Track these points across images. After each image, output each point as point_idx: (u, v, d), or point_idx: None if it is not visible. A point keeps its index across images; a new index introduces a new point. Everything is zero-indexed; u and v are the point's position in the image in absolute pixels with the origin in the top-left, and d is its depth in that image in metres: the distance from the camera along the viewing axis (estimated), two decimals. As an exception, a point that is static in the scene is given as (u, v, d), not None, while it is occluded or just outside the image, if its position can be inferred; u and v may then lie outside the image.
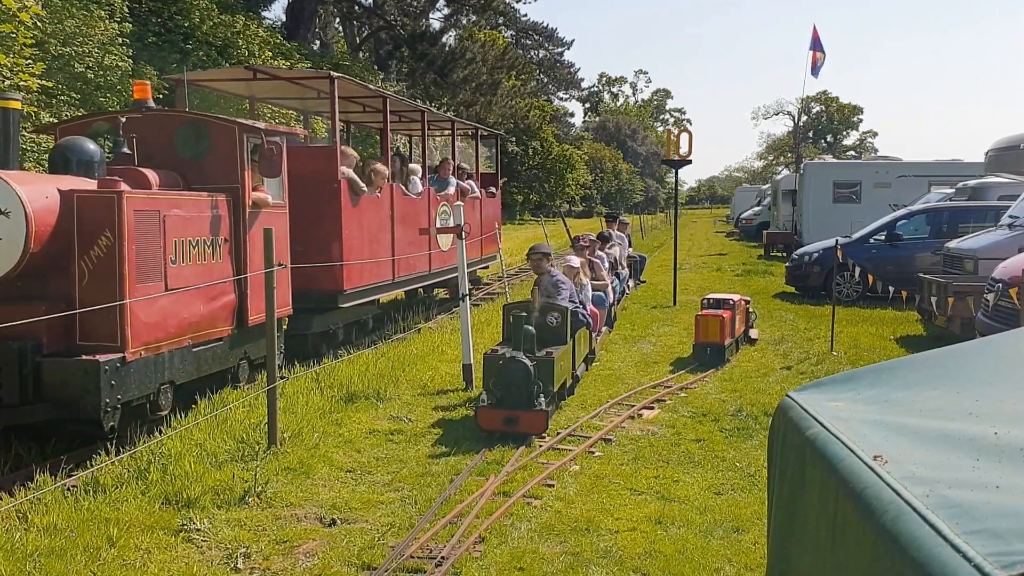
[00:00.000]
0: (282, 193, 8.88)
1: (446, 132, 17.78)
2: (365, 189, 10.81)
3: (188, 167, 7.89)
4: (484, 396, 7.38)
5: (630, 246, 18.49)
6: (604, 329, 11.66)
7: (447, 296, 16.11)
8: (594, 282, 11.44)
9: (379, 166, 11.57)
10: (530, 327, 7.72)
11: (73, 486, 5.72)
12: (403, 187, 12.72)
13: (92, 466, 5.99)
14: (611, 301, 12.60)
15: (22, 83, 12.03)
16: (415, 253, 12.79)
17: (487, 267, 18.67)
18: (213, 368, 7.76)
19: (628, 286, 16.52)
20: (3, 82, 12.54)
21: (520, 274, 21.57)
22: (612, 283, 13.06)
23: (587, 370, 9.81)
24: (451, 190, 14.54)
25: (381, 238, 11.58)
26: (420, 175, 13.59)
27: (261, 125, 8.70)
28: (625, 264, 16.08)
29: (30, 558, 4.65)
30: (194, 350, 7.40)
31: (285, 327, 9.16)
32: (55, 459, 6.24)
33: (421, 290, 15.15)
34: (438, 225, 13.39)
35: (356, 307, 11.08)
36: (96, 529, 5.03)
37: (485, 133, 19.64)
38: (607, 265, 12.92)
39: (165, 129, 7.97)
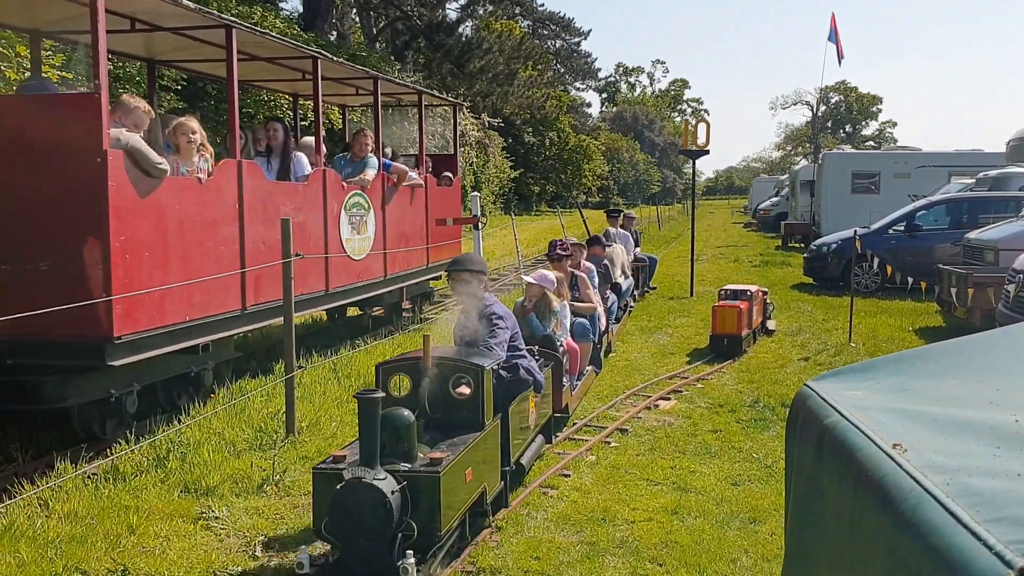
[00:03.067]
0: None
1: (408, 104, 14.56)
2: (164, 166, 6.60)
3: None
4: (302, 558, 4.07)
5: (637, 245, 16.09)
6: (590, 369, 8.50)
7: (381, 314, 12.22)
8: (577, 304, 8.65)
9: (187, 122, 7.26)
10: (402, 413, 4.37)
11: (93, 474, 5.78)
12: (288, 166, 9.04)
13: (112, 455, 6.04)
14: (602, 327, 9.53)
15: (43, 74, 12.10)
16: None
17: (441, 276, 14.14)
18: None
19: (632, 298, 13.85)
20: (24, 73, 12.64)
21: (537, 264, 18.08)
22: (609, 301, 10.64)
23: (550, 443, 6.68)
24: (370, 174, 10.22)
25: (215, 246, 7.24)
26: (322, 153, 9.55)
27: None
28: (628, 271, 13.25)
29: (51, 545, 4.70)
30: None
31: None
32: (76, 447, 6.29)
33: (332, 314, 11.72)
34: (346, 222, 9.69)
35: (165, 360, 6.97)
36: (116, 517, 5.08)
37: (436, 101, 16.11)
38: (596, 280, 9.76)
39: None
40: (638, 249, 16.03)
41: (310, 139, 9.83)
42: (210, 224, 7.21)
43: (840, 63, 24.79)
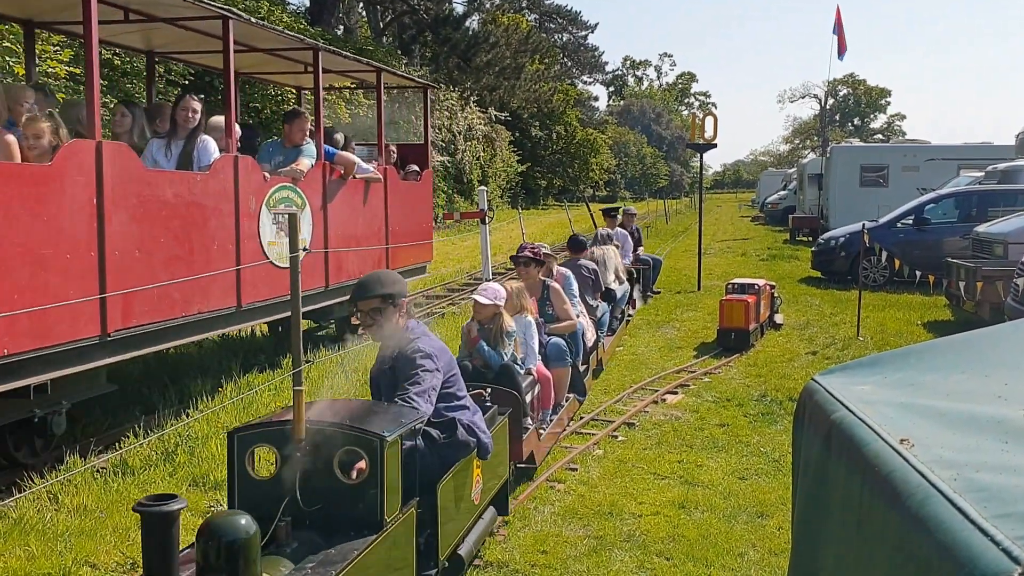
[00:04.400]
0: None
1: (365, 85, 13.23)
2: None
3: None
4: None
5: (639, 245, 14.22)
6: (571, 398, 7.12)
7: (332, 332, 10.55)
8: (553, 325, 7.18)
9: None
10: (234, 523, 2.70)
11: (102, 468, 5.81)
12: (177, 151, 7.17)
13: (121, 448, 6.06)
14: (589, 343, 8.10)
15: (50, 70, 12.14)
16: (183, 277, 6.57)
17: (420, 277, 12.48)
18: None
19: (631, 305, 12.01)
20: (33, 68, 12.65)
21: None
22: (599, 311, 9.16)
23: (505, 514, 5.14)
24: (305, 163, 8.30)
25: (56, 253, 5.43)
26: (234, 135, 7.66)
27: None
28: (624, 275, 11.28)
29: (61, 538, 4.73)
30: None
31: None
32: (85, 441, 6.32)
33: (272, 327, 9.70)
34: (269, 222, 7.73)
35: None
36: (125, 510, 5.10)
37: (407, 83, 13.77)
38: (575, 288, 8.14)
39: None
40: (640, 249, 14.28)
41: (220, 119, 7.76)
42: (47, 224, 5.33)
43: (841, 58, 24.53)
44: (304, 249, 7.16)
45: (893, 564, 1.33)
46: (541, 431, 6.16)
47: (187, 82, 18.37)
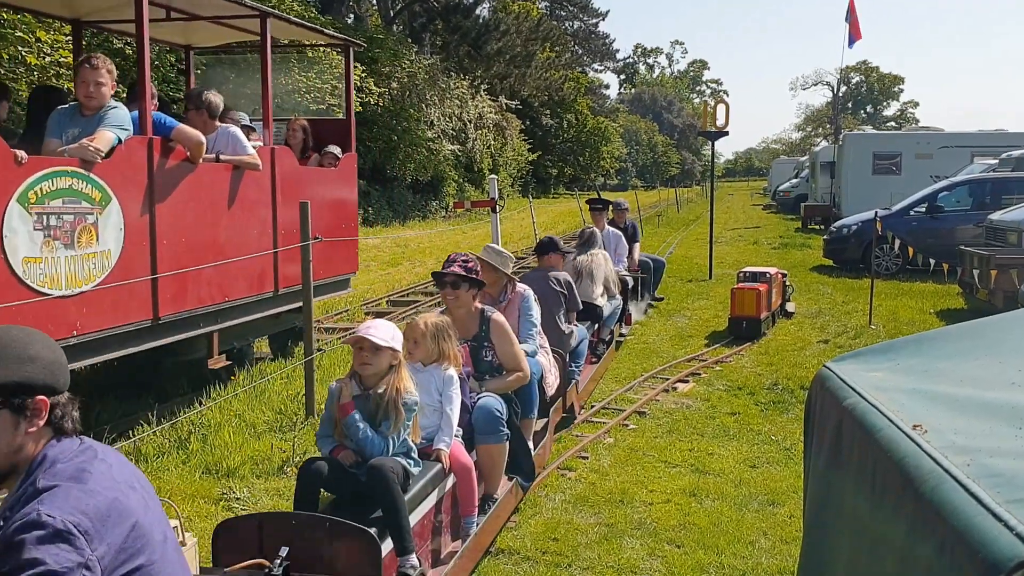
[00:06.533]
0: None
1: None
2: None
3: None
4: None
5: (635, 241, 11.35)
6: (510, 487, 4.86)
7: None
8: (493, 381, 4.89)
9: None
10: None
11: (116, 455, 5.83)
12: None
13: (134, 436, 6.10)
14: (551, 390, 5.82)
15: (62, 59, 12.18)
16: None
17: (339, 294, 9.51)
18: None
19: (623, 323, 9.81)
20: (44, 59, 12.71)
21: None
22: (573, 338, 6.84)
23: None
24: (107, 137, 5.60)
25: None
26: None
27: None
28: (617, 288, 8.97)
29: (76, 524, 4.75)
30: None
31: None
32: (99, 429, 6.36)
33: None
34: (29, 226, 5.08)
35: None
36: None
37: (318, 38, 10.20)
38: (535, 314, 5.64)
39: None
40: (637, 247, 11.41)
41: None
42: None
43: (851, 45, 24.29)
44: (316, 238, 6.87)
45: (906, 550, 1.32)
46: (448, 564, 3.99)
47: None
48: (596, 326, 8.25)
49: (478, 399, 4.65)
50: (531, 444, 5.28)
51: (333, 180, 8.63)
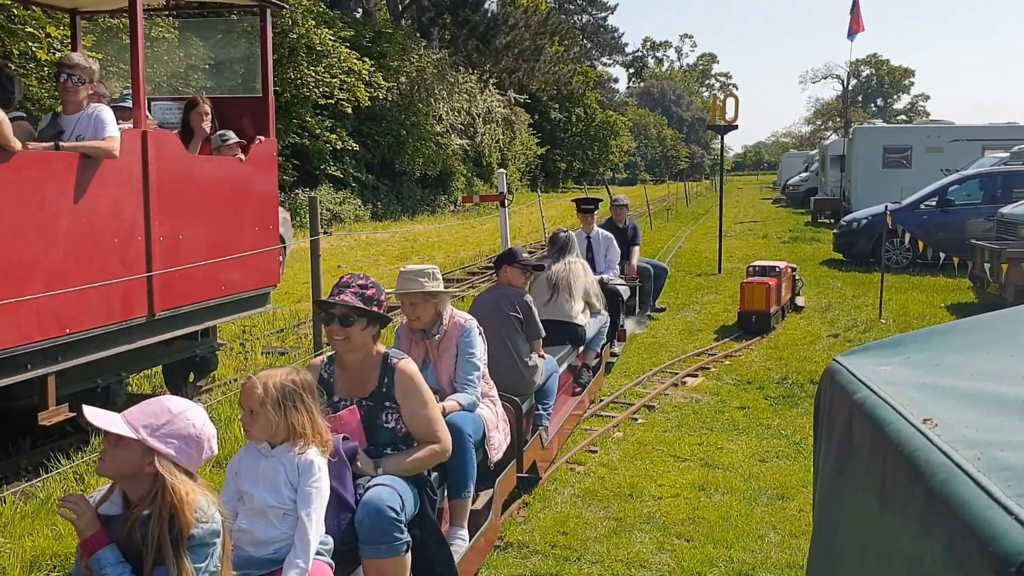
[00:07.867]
0: None
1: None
2: None
3: None
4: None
5: (635, 244, 9.96)
6: None
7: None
8: (392, 457, 3.44)
9: None
10: None
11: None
12: None
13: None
14: (496, 453, 4.45)
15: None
16: None
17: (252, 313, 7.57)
18: None
19: (612, 343, 8.51)
20: (53, 55, 12.74)
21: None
22: (539, 373, 5.60)
23: None
24: None
25: None
26: None
27: None
28: (600, 302, 7.56)
29: (87, 518, 4.77)
30: None
31: None
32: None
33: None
34: None
35: None
36: (150, 490, 5.14)
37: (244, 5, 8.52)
38: (480, 352, 4.39)
39: None
40: (636, 251, 9.97)
41: None
42: None
43: (852, 37, 24.16)
44: (324, 231, 6.93)
45: (916, 544, 1.32)
46: None
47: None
48: (578, 349, 7.06)
49: (367, 488, 3.23)
50: (465, 533, 4.06)
51: (242, 173, 6.78)
